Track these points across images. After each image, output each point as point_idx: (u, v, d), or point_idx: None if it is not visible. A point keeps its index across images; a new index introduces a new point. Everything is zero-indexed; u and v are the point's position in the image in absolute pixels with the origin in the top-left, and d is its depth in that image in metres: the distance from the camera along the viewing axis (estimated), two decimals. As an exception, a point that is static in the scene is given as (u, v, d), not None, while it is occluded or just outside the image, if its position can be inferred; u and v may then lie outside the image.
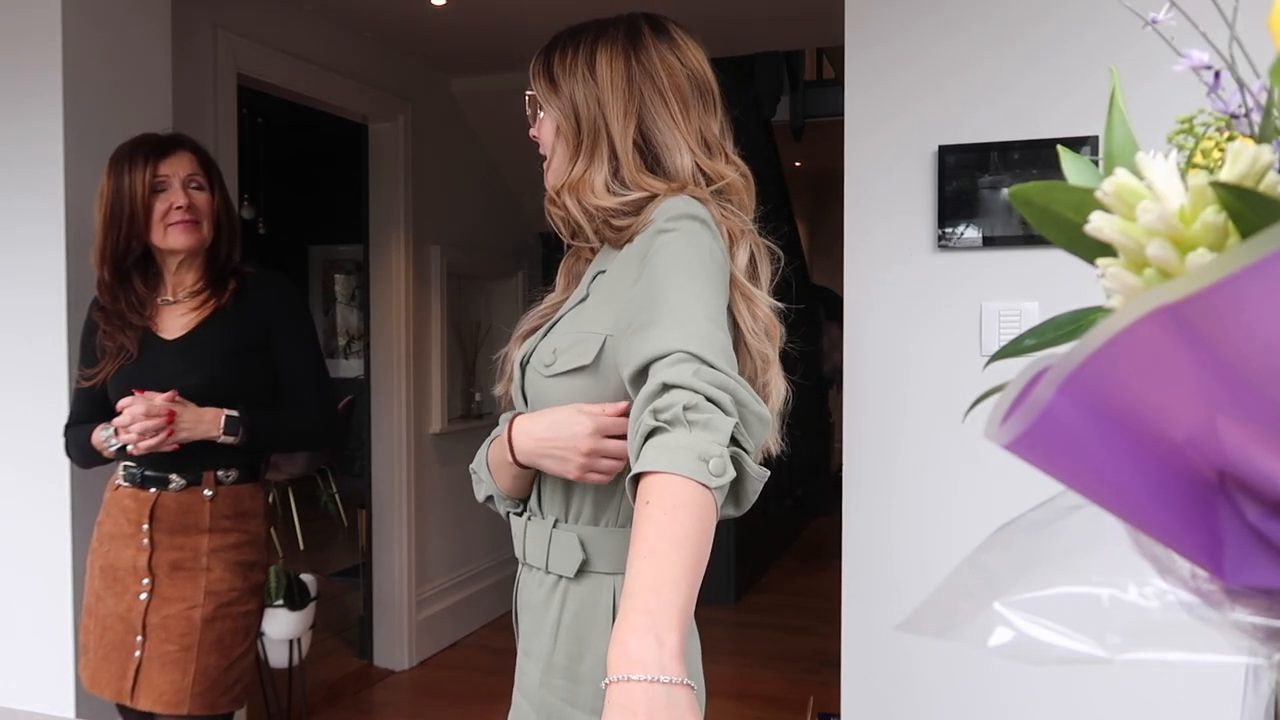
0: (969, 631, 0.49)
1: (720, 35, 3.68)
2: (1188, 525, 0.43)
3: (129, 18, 2.34)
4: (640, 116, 1.15)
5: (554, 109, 1.20)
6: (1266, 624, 0.44)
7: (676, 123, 1.16)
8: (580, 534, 1.12)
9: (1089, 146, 1.78)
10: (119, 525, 1.90)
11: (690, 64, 1.21)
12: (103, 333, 1.90)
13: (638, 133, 1.15)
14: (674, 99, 1.16)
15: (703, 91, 1.20)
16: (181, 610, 1.85)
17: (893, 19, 1.95)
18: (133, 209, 1.86)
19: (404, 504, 3.98)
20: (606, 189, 1.14)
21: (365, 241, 3.98)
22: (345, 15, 3.48)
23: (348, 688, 3.77)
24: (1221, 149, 0.46)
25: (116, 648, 1.87)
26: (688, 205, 1.08)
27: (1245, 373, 0.37)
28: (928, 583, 0.53)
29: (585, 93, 1.17)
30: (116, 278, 1.90)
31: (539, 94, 1.23)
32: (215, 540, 1.88)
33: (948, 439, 1.91)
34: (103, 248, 1.89)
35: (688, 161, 1.15)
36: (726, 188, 1.17)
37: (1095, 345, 0.37)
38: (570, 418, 1.08)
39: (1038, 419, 0.40)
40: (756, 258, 1.15)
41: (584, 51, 1.19)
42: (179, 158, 1.90)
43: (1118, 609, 0.47)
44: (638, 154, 1.15)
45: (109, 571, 1.89)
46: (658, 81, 1.17)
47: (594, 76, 1.17)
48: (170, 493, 1.87)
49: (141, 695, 1.84)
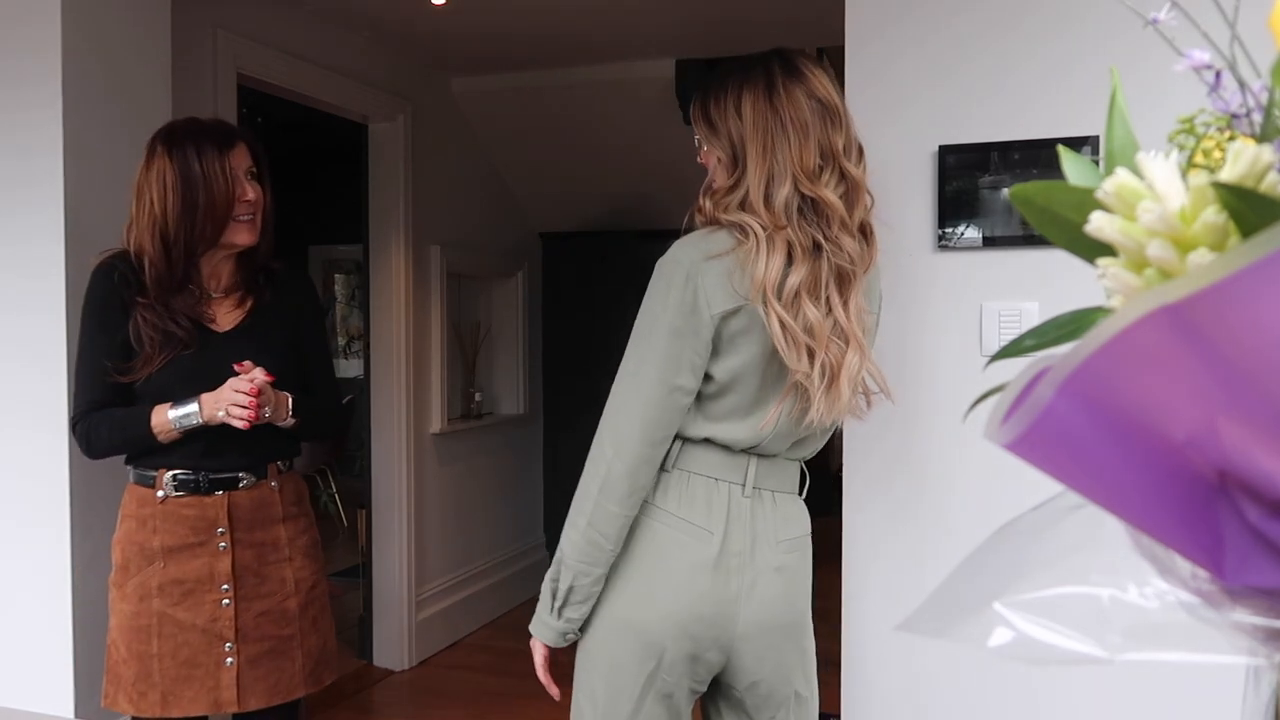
0: (969, 631, 0.49)
1: (720, 35, 3.68)
2: (1188, 525, 0.43)
3: (129, 17, 2.34)
4: (765, 148, 1.42)
5: (715, 147, 1.49)
6: (1266, 624, 0.44)
7: (790, 155, 1.41)
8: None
9: (1089, 146, 1.78)
10: (180, 537, 1.84)
11: (817, 92, 1.45)
12: (144, 321, 1.82)
13: (763, 162, 1.42)
14: (794, 131, 1.41)
15: (826, 110, 1.44)
16: (275, 604, 1.88)
17: (893, 19, 1.95)
18: (212, 198, 1.80)
19: (404, 504, 3.98)
20: (740, 207, 1.43)
21: (365, 241, 3.98)
22: (345, 15, 3.48)
23: (347, 688, 3.77)
24: (1222, 149, 0.46)
25: (199, 662, 1.83)
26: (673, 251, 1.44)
27: (1245, 373, 0.37)
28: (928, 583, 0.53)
29: (735, 129, 1.45)
30: (181, 268, 1.83)
31: (701, 135, 1.51)
32: (290, 529, 1.93)
33: (948, 439, 1.90)
34: (170, 235, 1.80)
35: (787, 187, 1.41)
36: (821, 204, 1.42)
37: (1095, 345, 0.37)
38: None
39: (1038, 419, 0.40)
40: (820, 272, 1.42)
41: (731, 97, 1.46)
42: (240, 149, 1.87)
43: (1118, 609, 0.47)
44: (761, 184, 1.41)
45: (176, 586, 1.83)
46: (783, 117, 1.42)
47: (740, 116, 1.44)
48: (242, 491, 1.87)
49: (251, 696, 1.84)
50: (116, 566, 1.90)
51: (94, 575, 2.13)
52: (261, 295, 1.94)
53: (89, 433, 1.87)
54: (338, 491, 6.10)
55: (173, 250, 1.82)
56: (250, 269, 1.95)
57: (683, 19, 3.47)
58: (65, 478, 2.17)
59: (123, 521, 1.91)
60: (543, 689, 1.52)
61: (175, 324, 1.82)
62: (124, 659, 1.85)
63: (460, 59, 4.02)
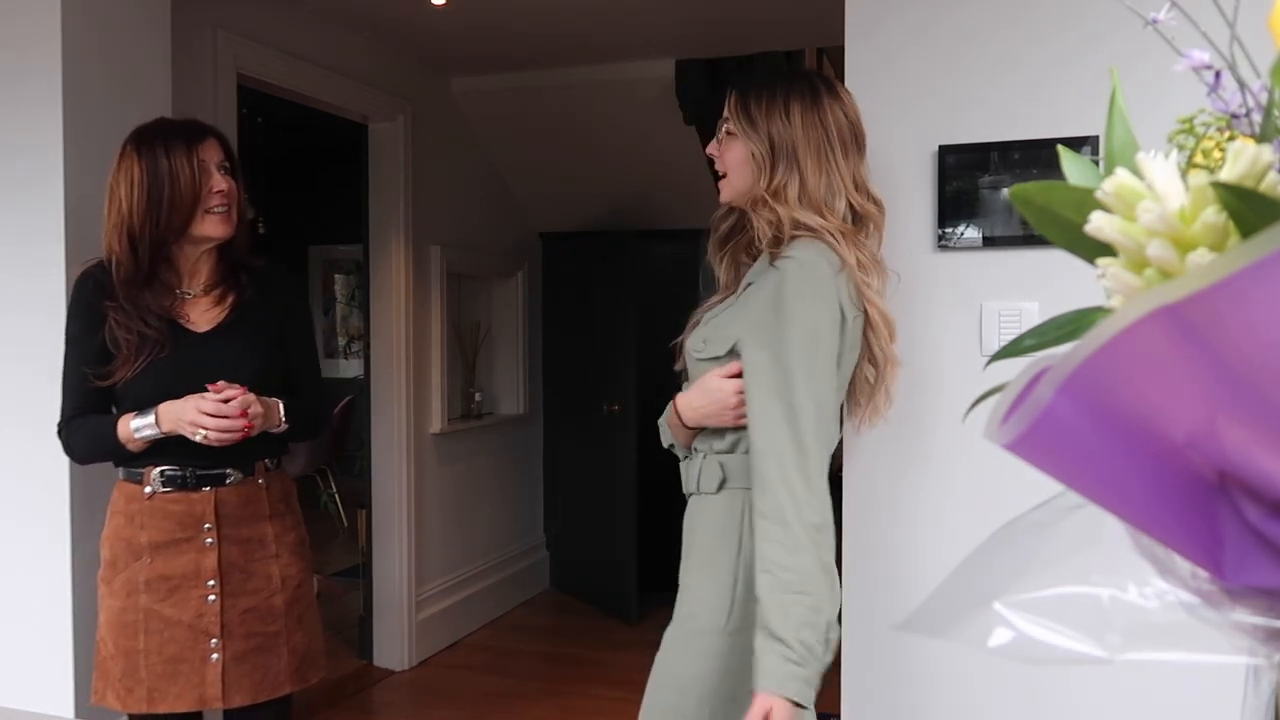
0: (969, 631, 0.49)
1: (720, 35, 3.68)
2: (1188, 525, 0.43)
3: (129, 17, 2.34)
4: (819, 158, 1.47)
5: (751, 141, 1.50)
6: (1266, 624, 0.44)
7: (839, 166, 1.48)
8: (720, 460, 1.51)
9: (1089, 146, 1.78)
10: (167, 533, 1.84)
11: (851, 115, 1.52)
12: (117, 324, 1.81)
13: (819, 171, 1.47)
14: (838, 146, 1.49)
15: (856, 136, 1.52)
16: (261, 601, 1.88)
17: (892, 19, 1.95)
18: (177, 192, 1.79)
19: (404, 504, 3.98)
20: (799, 203, 1.46)
21: (365, 241, 3.98)
22: (345, 15, 3.48)
23: (347, 688, 3.77)
24: (1222, 149, 0.46)
25: (185, 658, 1.83)
26: (816, 257, 1.42)
27: (1245, 373, 0.37)
28: (928, 583, 0.53)
29: (781, 130, 1.48)
30: (146, 265, 1.82)
31: (738, 129, 1.52)
32: (277, 526, 1.93)
33: (948, 439, 1.90)
34: (135, 231, 1.80)
35: (843, 202, 1.48)
36: (869, 218, 1.51)
37: (1095, 345, 0.37)
38: (715, 384, 1.48)
39: (1038, 419, 0.40)
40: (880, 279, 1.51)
41: (779, 99, 1.50)
42: (210, 144, 1.87)
43: (1118, 609, 0.47)
44: (819, 188, 1.47)
45: (162, 583, 1.84)
46: (830, 131, 1.48)
47: (789, 120, 1.48)
48: (229, 487, 1.87)
49: (235, 692, 1.84)
50: (105, 563, 1.90)
51: (93, 575, 2.12)
52: (243, 292, 1.92)
53: (69, 440, 1.89)
54: (338, 491, 6.10)
55: (139, 246, 1.81)
56: (229, 265, 1.93)
57: (683, 19, 3.47)
58: (65, 478, 2.17)
59: (111, 518, 1.91)
60: (542, 689, 1.52)
61: (145, 324, 1.81)
62: (112, 654, 1.86)
63: (460, 59, 4.02)
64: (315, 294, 7.48)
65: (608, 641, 4.31)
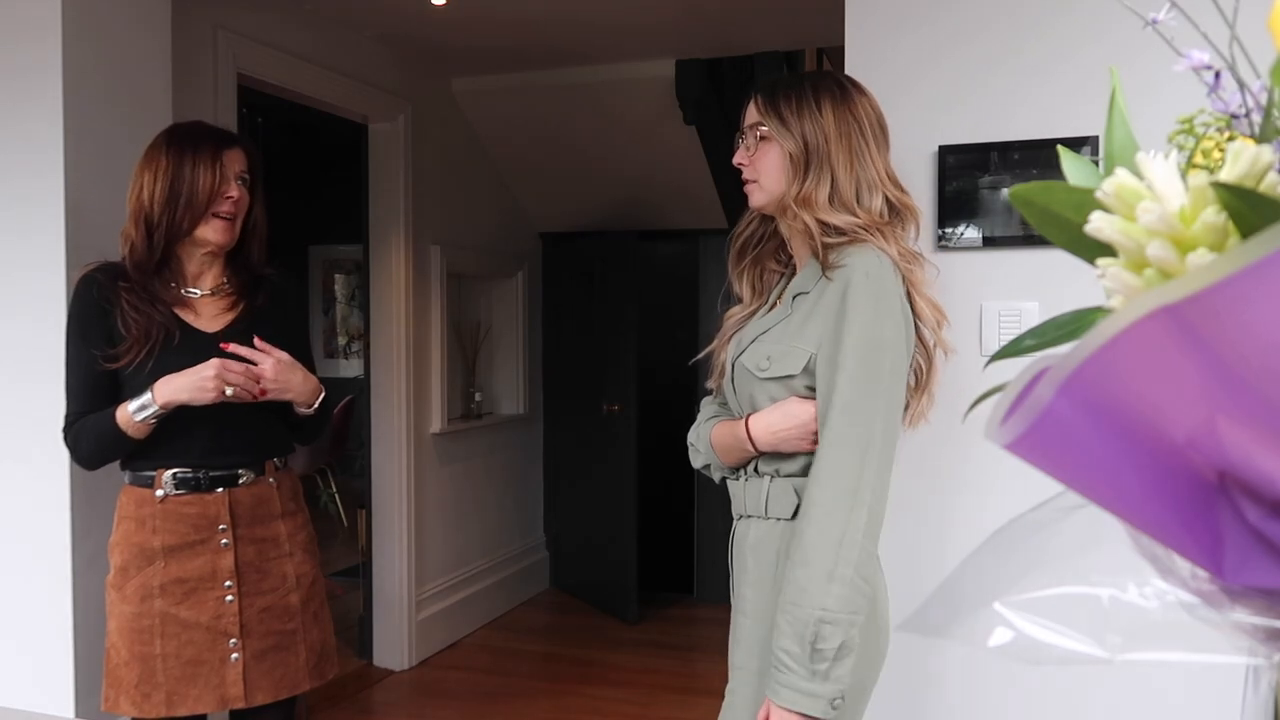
0: (969, 631, 0.49)
1: (720, 35, 3.68)
2: (1188, 525, 0.43)
3: (129, 17, 2.34)
4: (852, 154, 1.43)
5: (786, 140, 1.45)
6: (1266, 624, 0.44)
7: (874, 161, 1.45)
8: (794, 484, 1.45)
9: (1089, 146, 1.78)
10: (181, 536, 1.84)
11: (878, 109, 1.49)
12: (129, 307, 1.83)
13: (851, 168, 1.43)
14: (871, 141, 1.45)
15: (884, 130, 1.49)
16: (278, 599, 1.90)
17: (892, 19, 1.95)
18: (194, 192, 1.84)
19: (404, 504, 3.98)
20: (829, 204, 1.42)
21: (365, 241, 3.99)
22: (345, 15, 3.48)
23: (347, 687, 3.77)
24: (1222, 149, 0.46)
25: (204, 660, 1.83)
26: (880, 268, 1.38)
27: (1245, 373, 0.37)
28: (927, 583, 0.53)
29: (813, 128, 1.44)
30: (159, 254, 1.86)
31: (772, 128, 1.47)
32: (289, 525, 1.96)
33: (947, 439, 1.90)
34: (153, 221, 1.84)
35: (879, 198, 1.44)
36: (908, 211, 1.47)
37: (1095, 345, 0.37)
38: (797, 408, 1.43)
39: (1038, 419, 0.40)
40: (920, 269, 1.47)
41: (809, 96, 1.46)
42: (236, 153, 1.91)
43: (1118, 609, 0.47)
44: (851, 185, 1.43)
45: (178, 586, 1.84)
46: (863, 123, 1.45)
47: (820, 116, 1.44)
48: (242, 487, 1.89)
49: (258, 691, 1.86)
50: (115, 569, 1.89)
51: (94, 575, 2.12)
52: (254, 300, 1.95)
53: (75, 441, 1.88)
54: (338, 491, 6.09)
55: (154, 234, 1.85)
56: (243, 274, 1.96)
57: (683, 19, 3.47)
58: (65, 478, 2.17)
59: (120, 523, 1.90)
60: (541, 689, 1.51)
61: (155, 309, 1.84)
62: (125, 661, 1.84)
63: (460, 59, 4.02)
64: (315, 294, 7.47)
65: (607, 641, 4.31)
